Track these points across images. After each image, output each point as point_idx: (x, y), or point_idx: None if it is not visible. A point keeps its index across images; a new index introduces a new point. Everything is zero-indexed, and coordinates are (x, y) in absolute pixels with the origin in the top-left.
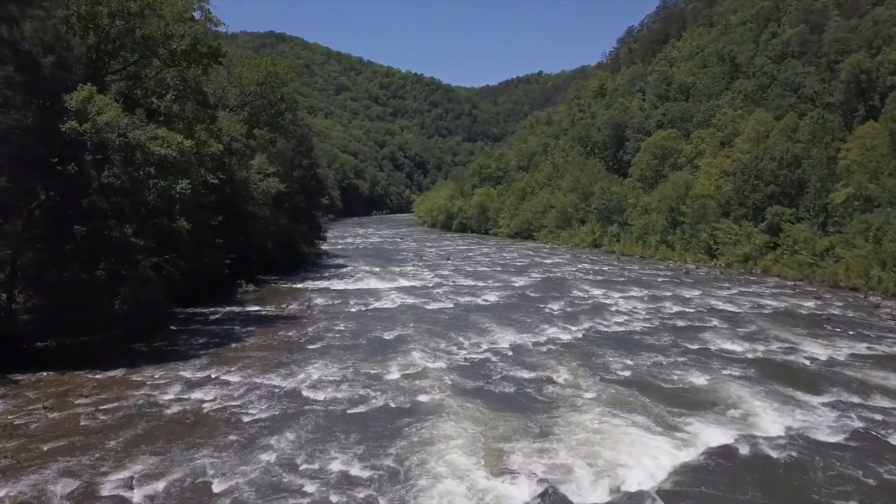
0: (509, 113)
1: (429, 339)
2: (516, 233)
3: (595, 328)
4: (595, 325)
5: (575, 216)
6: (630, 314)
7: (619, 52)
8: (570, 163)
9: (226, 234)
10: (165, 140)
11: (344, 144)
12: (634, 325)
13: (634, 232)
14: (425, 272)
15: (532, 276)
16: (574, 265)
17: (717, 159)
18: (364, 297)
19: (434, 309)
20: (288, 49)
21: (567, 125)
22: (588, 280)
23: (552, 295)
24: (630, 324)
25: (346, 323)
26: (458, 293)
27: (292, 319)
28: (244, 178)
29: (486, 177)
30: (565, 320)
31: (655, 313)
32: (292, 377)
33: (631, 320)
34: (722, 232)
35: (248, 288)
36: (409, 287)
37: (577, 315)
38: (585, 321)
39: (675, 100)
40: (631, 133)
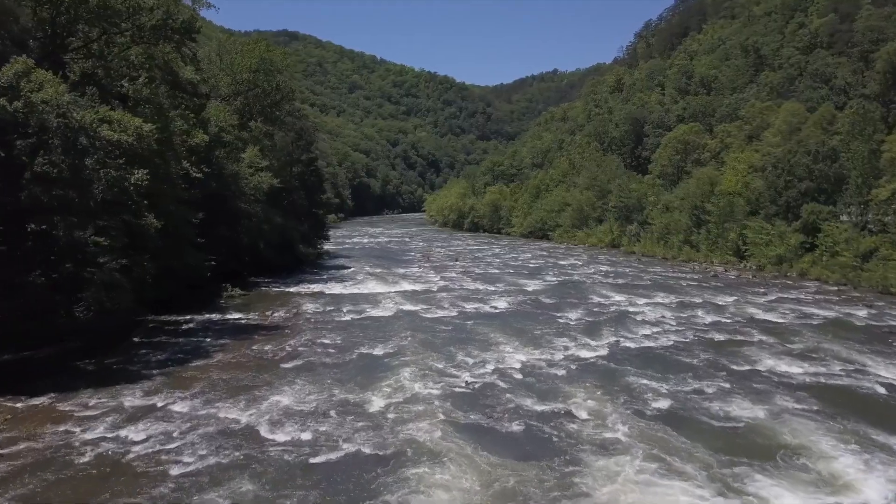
0: (524, 111)
1: (425, 356)
2: (530, 232)
3: (620, 343)
4: (619, 338)
5: (592, 215)
6: (659, 325)
7: (636, 47)
8: (586, 159)
9: (213, 232)
10: (121, 124)
11: (356, 143)
12: (665, 339)
13: (655, 231)
14: (431, 274)
15: (546, 280)
16: (592, 267)
17: (744, 154)
18: (360, 302)
19: (435, 318)
20: (301, 47)
21: (583, 121)
22: (608, 284)
23: (569, 301)
24: (660, 337)
25: (333, 335)
26: (463, 299)
27: (274, 330)
28: (234, 173)
29: (499, 174)
30: (585, 332)
31: (687, 324)
32: (254, 407)
33: (661, 332)
34: (752, 231)
35: (233, 292)
36: (411, 291)
37: (599, 326)
38: (608, 334)
39: (695, 94)
40: (650, 128)
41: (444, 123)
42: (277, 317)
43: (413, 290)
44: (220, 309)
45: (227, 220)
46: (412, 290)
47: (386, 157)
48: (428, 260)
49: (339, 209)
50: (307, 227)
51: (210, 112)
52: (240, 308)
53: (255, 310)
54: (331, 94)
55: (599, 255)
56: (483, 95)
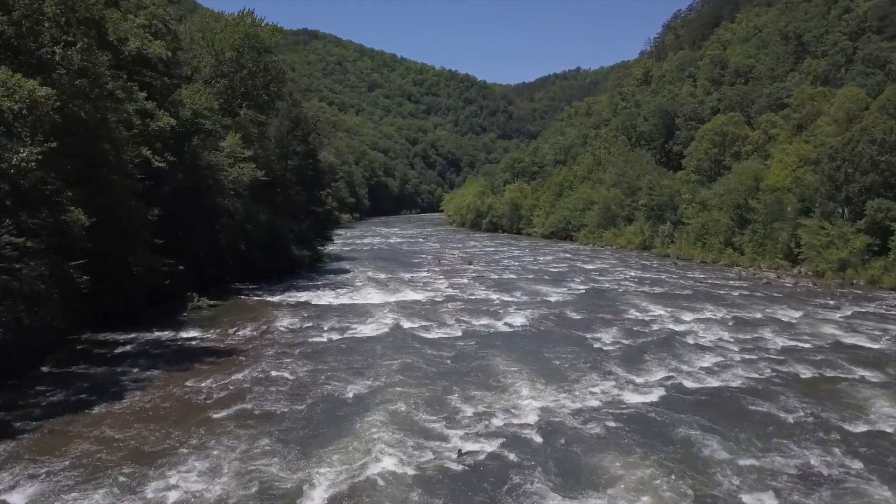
0: (546, 110)
1: (409, 404)
2: (552, 233)
3: (674, 381)
4: (672, 373)
5: (620, 214)
6: (719, 351)
7: (664, 39)
8: (613, 154)
9: (186, 232)
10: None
11: (374, 141)
12: (734, 375)
13: (691, 232)
14: (440, 281)
15: (572, 288)
16: (623, 272)
17: (793, 145)
18: (349, 317)
19: (435, 339)
20: (321, 46)
21: (609, 115)
22: (644, 293)
23: (600, 317)
24: (725, 371)
25: (299, 364)
26: (473, 312)
27: (226, 356)
28: (211, 164)
29: (519, 172)
30: (625, 364)
31: (755, 350)
32: (129, 496)
33: (724, 364)
34: (808, 232)
35: (200, 302)
36: (413, 302)
37: (642, 354)
38: (656, 366)
39: (731, 84)
40: (682, 121)
41: (464, 122)
42: (240, 336)
43: (415, 301)
44: (177, 324)
45: (203, 217)
46: (414, 301)
47: (405, 156)
48: (439, 263)
49: (354, 209)
50: (306, 227)
51: (183, 94)
52: (201, 323)
53: (218, 326)
54: (350, 93)
55: (630, 258)
56: (504, 94)
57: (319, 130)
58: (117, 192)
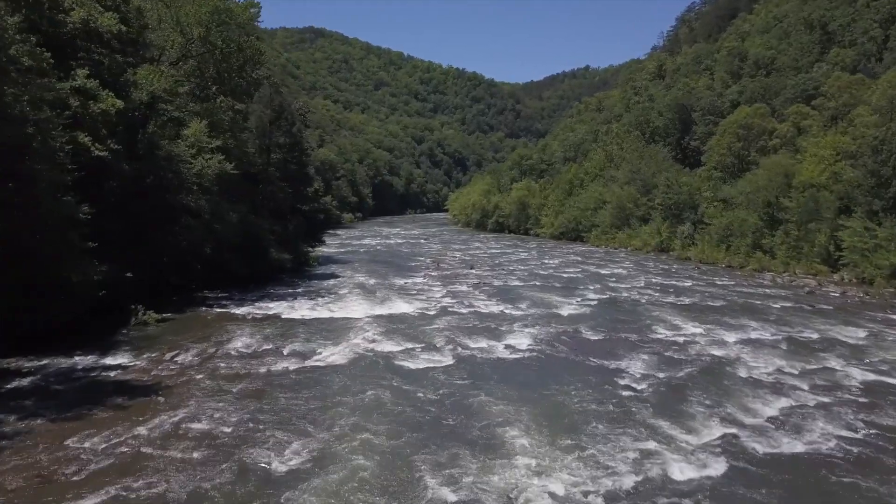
0: (554, 108)
1: (361, 483)
2: (561, 233)
3: (736, 441)
4: (732, 427)
5: (634, 213)
6: (783, 390)
7: (677, 32)
8: (626, 150)
9: (139, 234)
10: None
11: (379, 140)
12: (816, 431)
13: (714, 233)
14: (436, 288)
15: (586, 298)
16: (642, 278)
17: (828, 137)
18: (320, 335)
19: (418, 370)
20: (327, 44)
21: (621, 110)
22: (671, 305)
23: (623, 337)
24: (803, 424)
25: (231, 409)
26: (470, 330)
27: (141, 396)
28: (172, 155)
29: (527, 169)
30: (664, 410)
31: (829, 389)
32: None
33: (797, 412)
34: (850, 234)
35: (146, 317)
36: (401, 316)
37: (683, 394)
38: (706, 415)
39: (751, 76)
40: (699, 115)
41: (471, 121)
42: (176, 364)
43: (403, 315)
44: (108, 347)
45: (161, 216)
46: (401, 314)
47: (410, 155)
48: (437, 267)
49: (357, 208)
50: (292, 228)
51: (139, 74)
52: (138, 345)
53: (157, 348)
54: (356, 91)
55: (647, 262)
56: (513, 92)
57: (308, 122)
58: (40, 185)
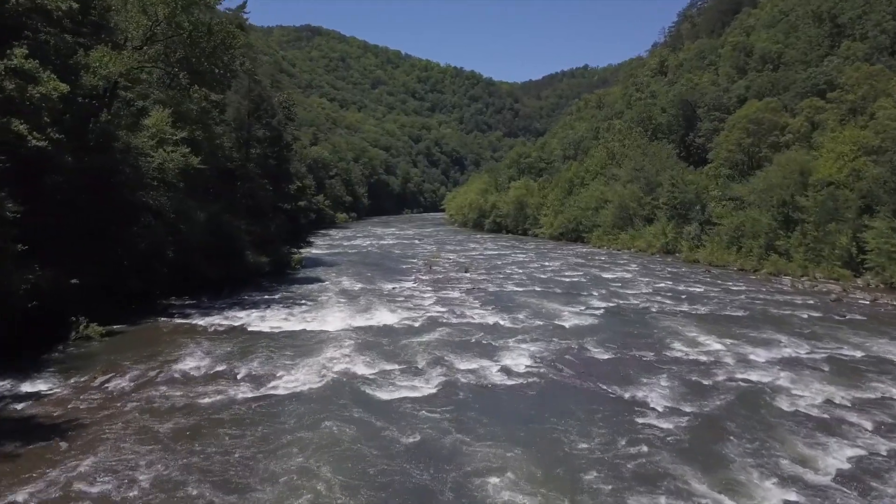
0: (553, 107)
1: None
2: (561, 234)
3: None
4: (787, 487)
5: (638, 213)
6: (837, 429)
7: (679, 28)
8: (629, 147)
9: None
10: None
11: (375, 138)
12: None
13: (723, 234)
14: (426, 294)
15: (590, 306)
16: (649, 283)
17: (847, 132)
18: (286, 353)
19: (393, 401)
20: (324, 42)
21: (622, 107)
22: (686, 315)
23: (637, 356)
24: (876, 484)
25: (153, 456)
26: (459, 347)
27: (42, 439)
28: (130, 147)
29: (525, 168)
30: (698, 462)
31: None
32: None
33: (862, 460)
34: (874, 235)
35: (88, 330)
36: (382, 329)
37: (717, 433)
38: (754, 467)
39: (758, 71)
40: (704, 111)
41: (469, 120)
42: (106, 391)
43: (385, 327)
44: (31, 368)
45: (117, 215)
46: (384, 327)
47: (407, 154)
48: (430, 270)
49: (352, 207)
50: (274, 228)
51: (93, 56)
52: (66, 365)
53: (88, 370)
54: (352, 90)
55: (653, 265)
56: (511, 91)
57: (293, 115)
58: None
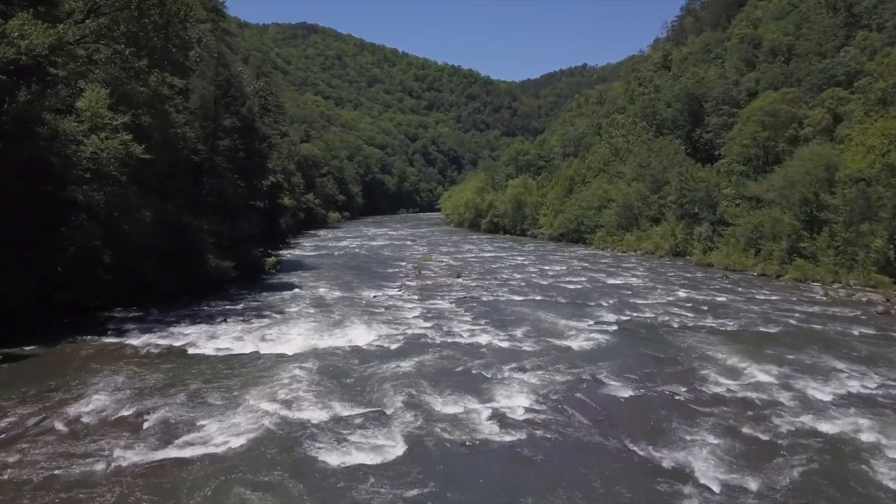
0: (552, 106)
1: None
2: (561, 234)
3: None
4: None
5: (644, 212)
6: None
7: (682, 22)
8: (633, 143)
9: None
10: None
11: (370, 136)
12: None
13: (740, 236)
14: (410, 305)
15: (601, 320)
16: (663, 290)
17: (879, 123)
18: (220, 387)
19: (340, 470)
20: (320, 40)
21: (624, 102)
22: (714, 332)
23: (667, 394)
24: None
25: None
26: (440, 381)
27: None
28: (56, 133)
29: (523, 165)
30: None
31: None
32: None
33: None
34: None
35: None
36: (350, 352)
37: None
38: None
39: (768, 63)
40: (712, 106)
41: (467, 118)
42: None
43: (355, 350)
44: None
45: (41, 213)
46: (353, 349)
47: (403, 153)
48: (419, 275)
49: (345, 207)
50: (247, 228)
51: (10, 25)
52: None
53: None
54: (348, 88)
55: (664, 269)
56: (509, 90)
57: (270, 104)
58: None
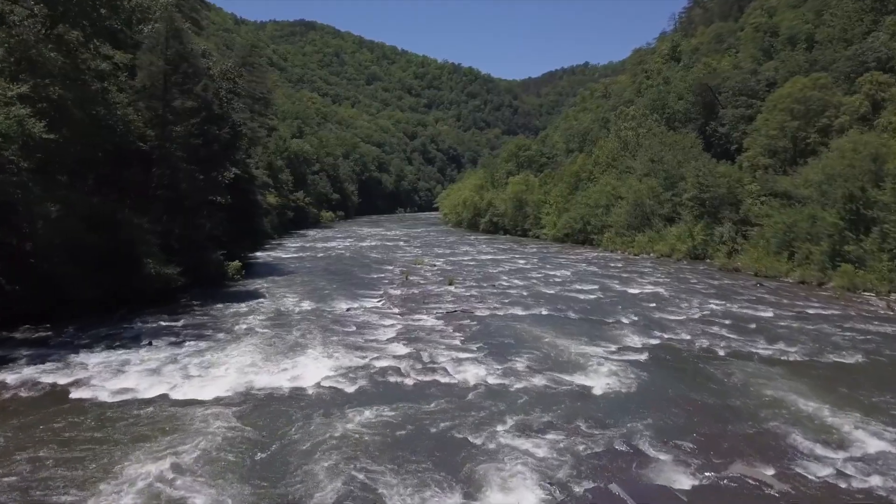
0: (553, 105)
1: None
2: (566, 235)
3: None
4: None
5: (657, 211)
6: None
7: (690, 14)
8: (644, 136)
9: None
10: None
11: (368, 134)
12: None
13: (770, 238)
14: (389, 321)
15: (625, 345)
16: (692, 302)
17: None
18: (74, 466)
19: None
20: (318, 37)
21: (631, 95)
22: (772, 362)
23: (740, 476)
24: None
25: None
26: (408, 457)
27: None
28: None
29: (524, 161)
30: None
31: None
32: None
33: None
34: None
35: None
36: (291, 400)
37: None
38: None
39: (790, 49)
40: (728, 97)
41: (467, 117)
42: None
43: (297, 394)
44: None
45: None
46: (297, 393)
47: (402, 151)
48: (406, 281)
49: (340, 206)
50: (208, 227)
51: None
52: None
53: None
54: (346, 85)
55: (685, 275)
56: (510, 88)
57: (241, 89)
58: None
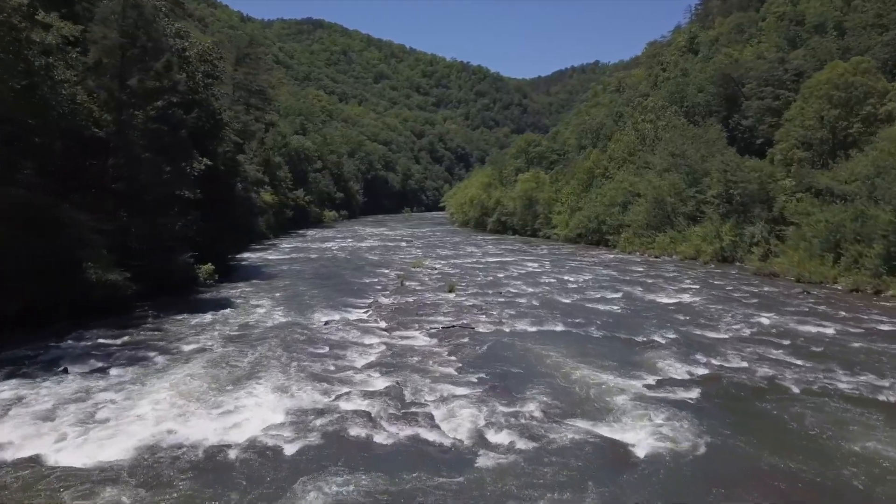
0: (563, 103)
1: None
2: (579, 235)
3: None
4: None
5: (680, 210)
6: None
7: (707, 5)
8: (663, 129)
9: None
10: None
11: (374, 132)
12: None
13: (812, 240)
14: (371, 339)
15: (666, 376)
16: (735, 316)
17: None
18: None
19: None
20: (326, 36)
21: (647, 88)
22: (864, 402)
23: None
24: None
25: None
26: None
27: None
28: None
29: (534, 158)
30: None
31: None
32: None
33: None
34: None
35: None
36: (211, 466)
37: None
38: None
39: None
40: (753, 87)
41: (476, 115)
42: None
43: (221, 461)
44: None
45: None
46: (220, 458)
47: (409, 150)
48: (401, 286)
49: (344, 205)
50: (175, 227)
51: None
52: None
53: None
54: (353, 83)
55: (717, 280)
56: (519, 87)
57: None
58: None
